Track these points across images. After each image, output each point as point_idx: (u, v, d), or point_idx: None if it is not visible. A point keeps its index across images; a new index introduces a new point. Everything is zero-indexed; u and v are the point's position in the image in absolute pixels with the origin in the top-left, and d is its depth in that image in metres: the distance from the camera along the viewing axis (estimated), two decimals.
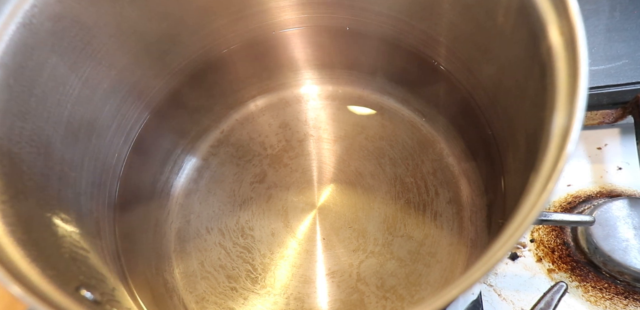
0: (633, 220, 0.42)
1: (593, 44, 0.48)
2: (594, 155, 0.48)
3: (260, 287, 0.42)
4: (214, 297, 0.42)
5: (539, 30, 0.26)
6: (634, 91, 0.45)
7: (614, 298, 0.41)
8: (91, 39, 0.34)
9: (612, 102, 0.46)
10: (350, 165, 0.46)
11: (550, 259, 0.43)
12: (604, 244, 0.41)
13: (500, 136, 0.37)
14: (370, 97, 0.48)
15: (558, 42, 0.25)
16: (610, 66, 0.47)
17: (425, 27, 0.40)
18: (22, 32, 0.30)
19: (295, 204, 0.44)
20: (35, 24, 0.31)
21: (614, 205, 0.42)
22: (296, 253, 0.43)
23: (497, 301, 0.42)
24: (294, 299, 0.41)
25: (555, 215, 0.37)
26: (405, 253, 0.41)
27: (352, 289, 0.41)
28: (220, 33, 0.44)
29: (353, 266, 0.42)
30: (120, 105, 0.40)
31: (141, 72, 0.40)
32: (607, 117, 0.47)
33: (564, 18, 0.25)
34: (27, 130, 0.31)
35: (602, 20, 0.49)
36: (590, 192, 0.46)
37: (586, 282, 0.42)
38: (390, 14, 0.40)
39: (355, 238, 0.43)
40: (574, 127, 0.22)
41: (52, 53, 0.32)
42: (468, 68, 0.39)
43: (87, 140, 0.37)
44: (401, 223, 0.43)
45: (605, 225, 0.42)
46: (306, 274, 0.42)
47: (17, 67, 0.30)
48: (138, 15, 0.37)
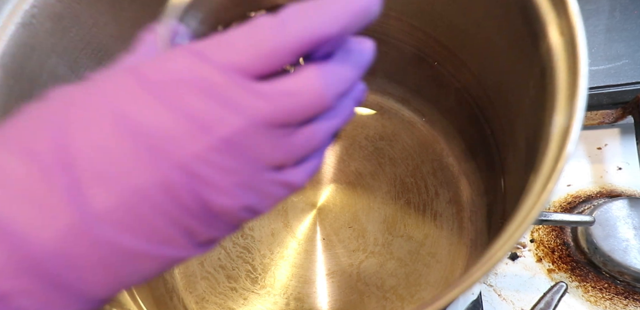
0: (633, 220, 0.42)
1: (593, 44, 0.48)
2: (594, 155, 0.48)
3: (260, 287, 0.42)
4: (213, 297, 0.42)
5: (538, 30, 0.26)
6: (634, 91, 0.45)
7: (614, 298, 0.41)
8: (91, 39, 0.34)
9: (612, 102, 0.46)
10: (350, 165, 0.46)
11: (550, 259, 0.43)
12: (604, 244, 0.41)
13: (500, 136, 0.37)
14: (370, 97, 0.48)
15: (558, 42, 0.25)
16: (610, 66, 0.47)
17: (425, 27, 0.40)
18: (22, 32, 0.30)
19: (295, 204, 0.44)
20: (35, 24, 0.31)
21: (614, 206, 0.42)
22: (296, 253, 0.43)
23: (497, 301, 0.42)
24: (293, 299, 0.41)
25: (555, 215, 0.37)
26: (405, 253, 0.41)
27: (352, 289, 0.41)
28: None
29: (353, 266, 0.42)
30: None
31: None
32: (607, 117, 0.47)
33: (564, 18, 0.25)
34: None
35: (602, 20, 0.49)
36: (590, 192, 0.46)
37: (586, 282, 0.42)
38: (390, 14, 0.40)
39: (355, 238, 0.43)
40: (574, 127, 0.22)
41: (52, 53, 0.32)
42: (468, 68, 0.39)
43: None
44: (401, 223, 0.43)
45: (605, 226, 0.42)
46: (306, 274, 0.42)
47: (17, 67, 0.30)
48: (138, 15, 0.37)
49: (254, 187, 0.17)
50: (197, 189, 0.16)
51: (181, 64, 0.16)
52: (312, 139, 0.17)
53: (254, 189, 0.17)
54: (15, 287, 0.14)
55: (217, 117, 0.15)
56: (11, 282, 0.14)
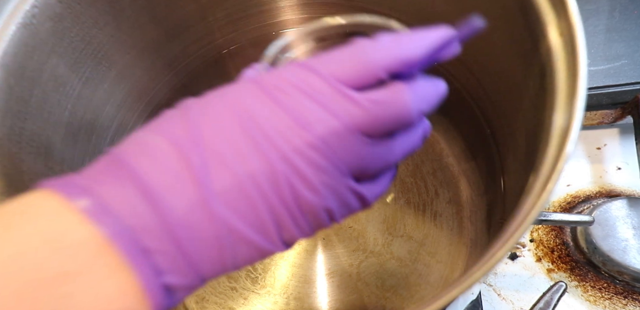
0: (632, 220, 0.42)
1: (592, 44, 0.48)
2: (593, 155, 0.48)
3: (260, 287, 0.42)
4: (214, 297, 0.42)
5: (538, 30, 0.26)
6: (634, 91, 0.45)
7: (613, 298, 0.41)
8: (91, 39, 0.35)
9: (611, 103, 0.47)
10: None
11: (549, 258, 0.43)
12: (603, 244, 0.41)
13: (500, 136, 0.37)
14: None
15: (557, 43, 0.25)
16: (610, 66, 0.47)
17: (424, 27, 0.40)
18: (22, 32, 0.30)
19: None
20: (35, 24, 0.31)
21: (613, 205, 0.42)
22: (296, 253, 0.43)
23: (496, 301, 0.42)
24: (293, 298, 0.41)
25: (554, 215, 0.37)
26: (405, 253, 0.42)
27: (352, 288, 0.41)
28: (220, 33, 0.44)
29: (353, 266, 0.42)
30: (121, 106, 0.40)
31: (141, 73, 0.40)
32: (606, 117, 0.47)
33: (563, 18, 0.25)
34: (27, 131, 0.31)
35: (601, 21, 0.49)
36: (590, 192, 0.46)
37: (585, 282, 0.42)
38: (390, 14, 0.40)
39: (355, 238, 0.43)
40: (574, 127, 0.22)
41: (52, 53, 0.32)
42: (467, 68, 0.39)
43: (87, 141, 0.37)
44: (401, 223, 0.43)
45: (605, 225, 0.42)
46: (306, 273, 0.42)
47: (17, 67, 0.30)
48: (139, 15, 0.37)
49: (336, 191, 0.19)
50: (293, 182, 0.18)
51: (292, 73, 0.19)
52: (389, 153, 0.20)
53: (336, 193, 0.19)
54: (155, 245, 0.16)
55: (317, 117, 0.18)
56: (153, 240, 0.16)
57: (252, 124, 0.18)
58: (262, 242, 0.18)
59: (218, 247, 0.17)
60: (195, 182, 0.17)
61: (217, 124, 0.18)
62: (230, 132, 0.18)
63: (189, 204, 0.17)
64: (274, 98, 0.18)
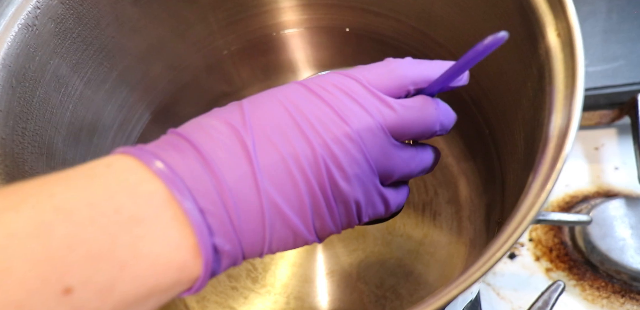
0: (630, 219, 0.42)
1: (590, 45, 0.48)
2: (591, 156, 0.48)
3: (261, 286, 0.42)
4: (214, 296, 0.42)
5: (536, 31, 0.26)
6: (631, 92, 0.45)
7: (610, 297, 0.41)
8: (93, 40, 0.35)
9: (609, 103, 0.47)
10: None
11: (548, 258, 0.44)
12: (601, 243, 0.41)
13: (499, 136, 0.38)
14: None
15: (555, 44, 0.25)
16: (608, 67, 0.47)
17: (424, 28, 0.40)
18: (24, 33, 0.30)
19: None
20: (37, 25, 0.31)
21: (611, 205, 0.43)
22: (296, 252, 0.43)
23: (495, 300, 0.42)
24: (294, 298, 0.41)
25: (553, 214, 0.37)
26: (404, 252, 0.42)
27: (352, 288, 0.41)
28: (221, 34, 0.44)
29: (353, 265, 0.42)
30: (122, 106, 0.40)
31: (143, 73, 0.41)
32: (604, 118, 0.48)
33: (561, 19, 0.25)
34: (29, 131, 0.31)
35: (599, 22, 0.49)
36: (588, 192, 0.46)
37: (583, 281, 0.42)
38: (390, 15, 0.41)
39: (355, 237, 0.43)
40: (572, 127, 0.22)
41: (54, 54, 0.32)
42: None
43: (88, 141, 0.37)
44: (400, 223, 0.43)
45: (603, 225, 0.42)
46: (306, 273, 0.42)
47: (19, 68, 0.30)
48: (140, 16, 0.37)
49: (365, 186, 0.21)
50: (331, 168, 0.20)
51: (334, 77, 0.22)
52: (411, 160, 0.23)
53: (365, 189, 0.21)
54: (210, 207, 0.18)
55: (355, 113, 0.21)
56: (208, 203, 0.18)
57: (298, 113, 0.20)
58: (298, 223, 0.20)
59: (260, 221, 0.19)
60: (246, 157, 0.19)
61: (268, 112, 0.20)
62: (278, 119, 0.20)
63: (239, 175, 0.19)
64: (318, 95, 0.21)
